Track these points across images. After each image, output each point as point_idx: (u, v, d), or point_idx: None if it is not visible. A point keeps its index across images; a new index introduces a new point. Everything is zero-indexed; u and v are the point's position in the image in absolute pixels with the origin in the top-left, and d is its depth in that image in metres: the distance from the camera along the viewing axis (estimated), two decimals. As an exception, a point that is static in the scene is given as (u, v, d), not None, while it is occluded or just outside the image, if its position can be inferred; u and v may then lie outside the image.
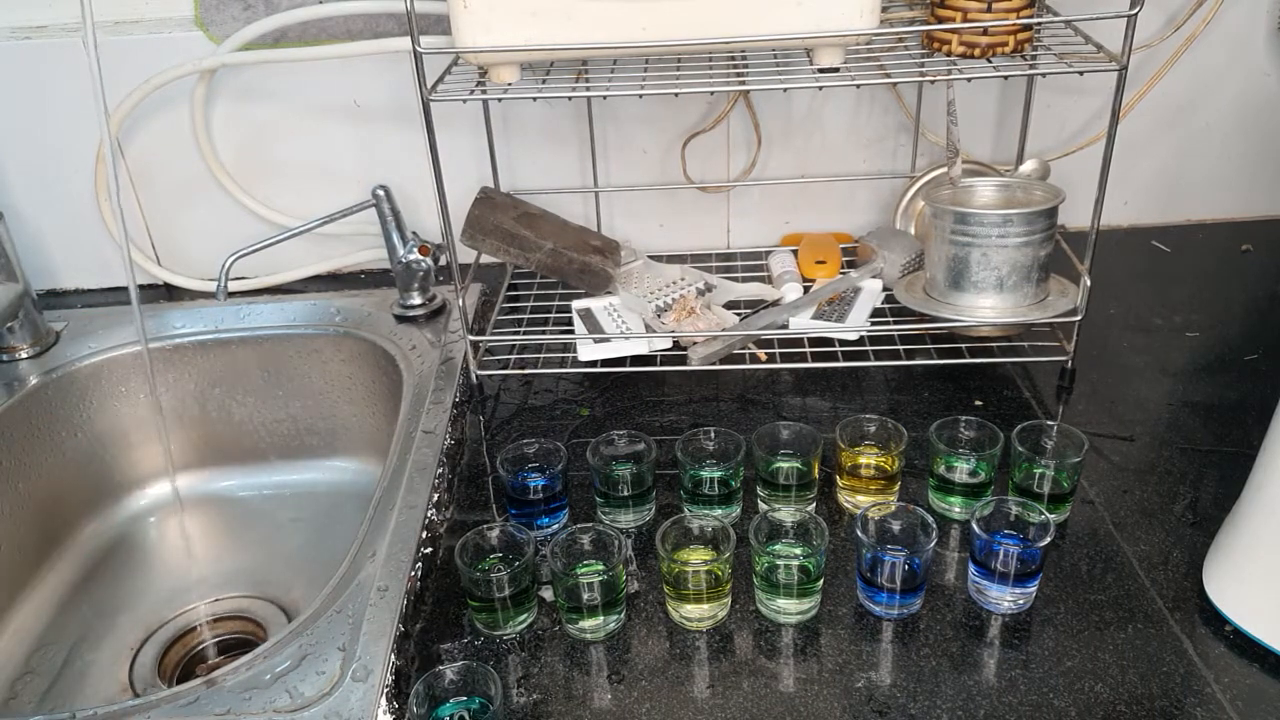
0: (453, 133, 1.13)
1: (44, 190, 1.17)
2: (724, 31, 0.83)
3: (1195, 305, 1.08)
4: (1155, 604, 0.72)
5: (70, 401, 1.07)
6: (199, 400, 1.13)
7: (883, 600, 0.71)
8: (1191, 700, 0.64)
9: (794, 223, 1.22)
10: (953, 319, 0.94)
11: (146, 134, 1.14)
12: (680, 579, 0.71)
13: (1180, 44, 1.10)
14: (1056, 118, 1.17)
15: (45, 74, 1.10)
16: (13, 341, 1.08)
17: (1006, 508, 0.73)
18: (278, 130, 1.15)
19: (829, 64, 0.86)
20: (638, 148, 1.17)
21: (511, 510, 0.83)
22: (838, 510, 0.82)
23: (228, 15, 1.08)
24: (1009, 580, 0.70)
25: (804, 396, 0.97)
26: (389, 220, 1.07)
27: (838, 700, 0.66)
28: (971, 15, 0.86)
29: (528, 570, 0.71)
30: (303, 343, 1.11)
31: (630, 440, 0.82)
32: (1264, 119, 1.17)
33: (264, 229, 1.16)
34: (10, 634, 0.97)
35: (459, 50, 0.84)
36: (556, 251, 1.05)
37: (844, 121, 1.16)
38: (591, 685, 0.68)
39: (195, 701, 0.67)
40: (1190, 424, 0.90)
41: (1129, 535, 0.78)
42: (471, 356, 0.99)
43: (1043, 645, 0.69)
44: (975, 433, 0.81)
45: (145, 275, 1.21)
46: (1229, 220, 1.24)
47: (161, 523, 1.13)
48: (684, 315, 1.01)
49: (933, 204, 0.94)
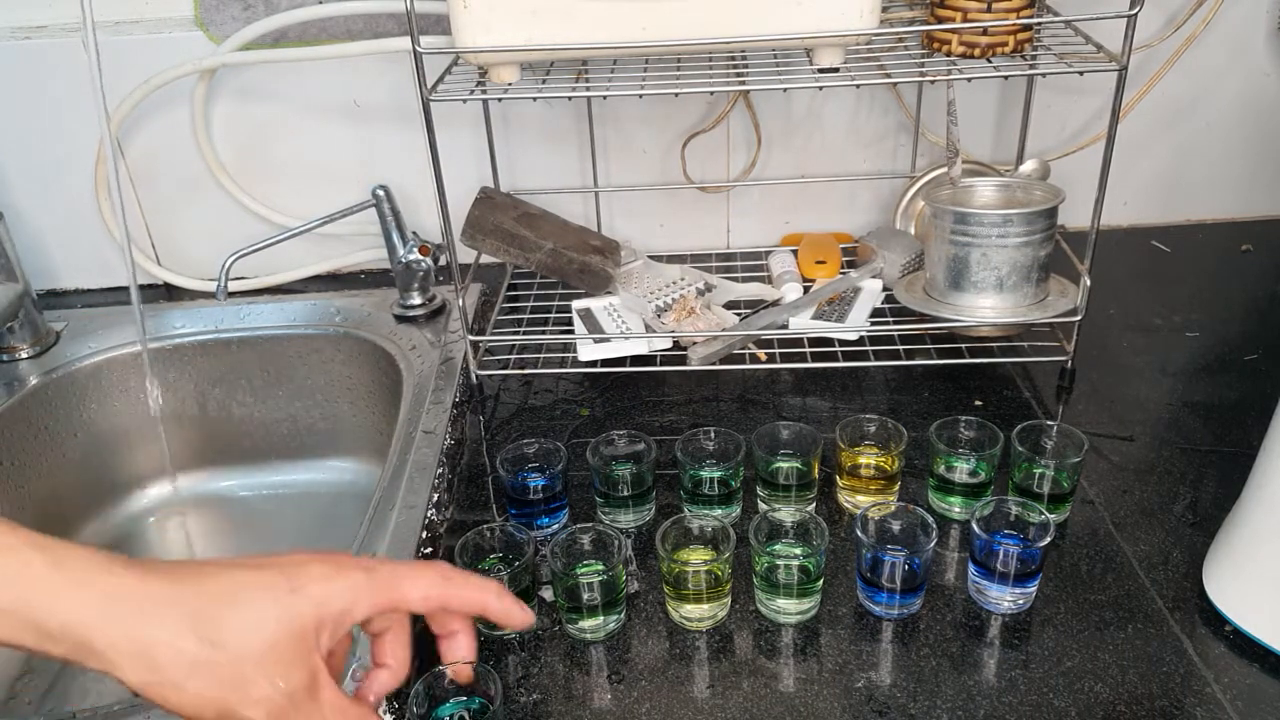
0: (453, 133, 1.13)
1: (44, 190, 1.17)
2: (724, 31, 0.83)
3: (1195, 305, 1.08)
4: (1155, 604, 0.72)
5: (70, 401, 1.07)
6: (199, 400, 1.13)
7: (883, 600, 0.71)
8: (1191, 700, 0.64)
9: (794, 223, 1.22)
10: (953, 319, 0.94)
11: (146, 134, 1.14)
12: (680, 579, 0.71)
13: (1180, 44, 1.10)
14: (1056, 118, 1.17)
15: (45, 74, 1.10)
16: (13, 341, 1.08)
17: (1006, 508, 0.73)
18: (278, 130, 1.15)
19: (829, 64, 0.86)
20: (638, 148, 1.17)
21: (511, 510, 0.83)
22: (838, 510, 0.82)
23: (228, 15, 1.08)
24: (1009, 580, 0.70)
25: (804, 396, 0.97)
26: (389, 220, 1.07)
27: (838, 700, 0.66)
28: (971, 15, 0.86)
29: (528, 570, 0.71)
30: (303, 343, 1.11)
31: (630, 440, 0.82)
32: (1264, 119, 1.17)
33: (264, 229, 1.16)
34: (10, 634, 0.97)
35: (459, 50, 0.85)
36: (556, 251, 1.05)
37: (844, 121, 1.16)
38: (591, 685, 0.68)
39: (195, 701, 0.66)
40: (1190, 424, 0.90)
41: (1129, 535, 0.78)
42: (471, 356, 0.99)
43: (1043, 645, 0.69)
44: (975, 433, 0.81)
45: (145, 275, 1.21)
46: (1229, 220, 1.24)
47: (161, 523, 1.13)
48: (684, 315, 1.01)
49: (933, 204, 0.94)
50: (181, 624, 0.49)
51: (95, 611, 0.49)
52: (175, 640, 0.49)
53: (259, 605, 0.51)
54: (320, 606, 0.53)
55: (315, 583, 0.53)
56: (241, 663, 0.50)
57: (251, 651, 0.50)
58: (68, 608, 0.48)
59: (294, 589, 0.52)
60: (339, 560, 0.55)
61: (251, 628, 0.51)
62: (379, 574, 0.56)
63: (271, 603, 0.52)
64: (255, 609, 0.51)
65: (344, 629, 0.54)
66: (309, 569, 0.54)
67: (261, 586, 0.52)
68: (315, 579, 0.53)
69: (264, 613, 0.51)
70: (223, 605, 0.51)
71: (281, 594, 0.52)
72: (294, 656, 0.51)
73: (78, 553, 0.50)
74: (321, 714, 0.53)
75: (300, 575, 0.53)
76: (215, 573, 0.52)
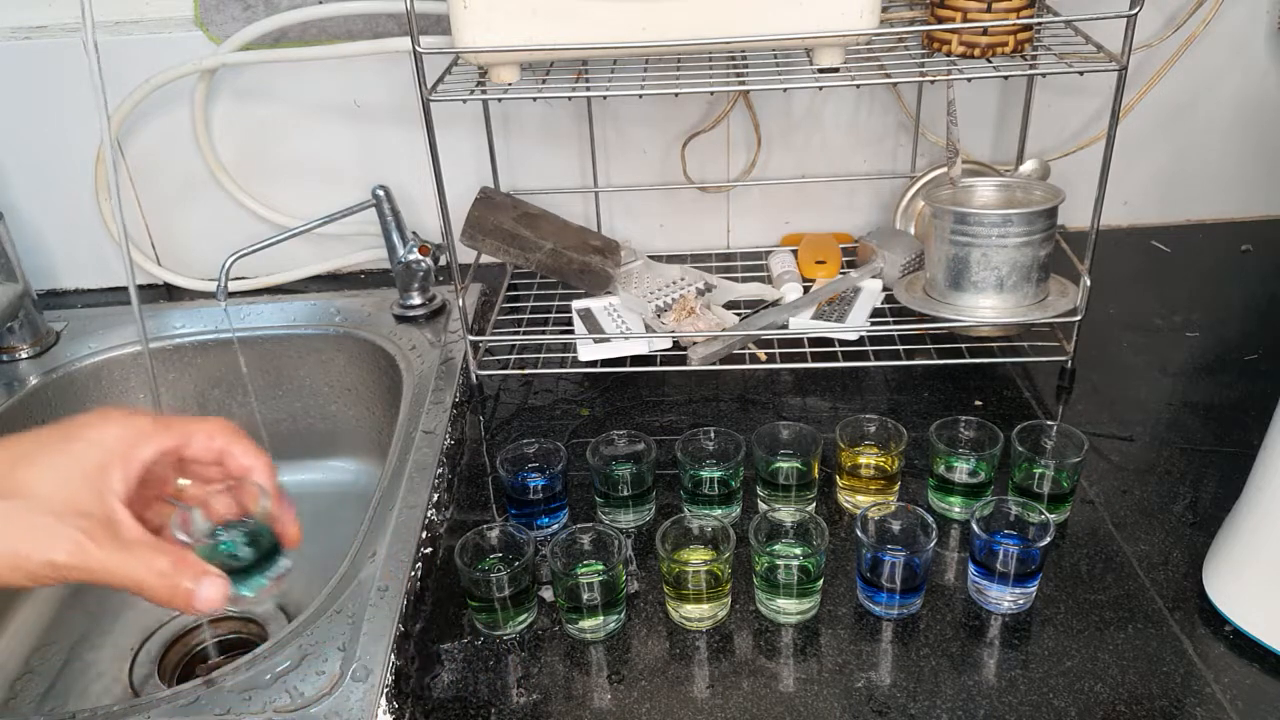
0: (453, 133, 1.13)
1: (44, 190, 1.17)
2: (724, 31, 0.83)
3: (1195, 305, 1.08)
4: (1155, 604, 0.72)
5: (70, 401, 1.07)
6: (199, 400, 1.13)
7: (883, 600, 0.71)
8: (1191, 700, 0.64)
9: (794, 223, 1.22)
10: (953, 319, 0.94)
11: (147, 134, 1.14)
12: (680, 579, 0.71)
13: (1180, 44, 1.10)
14: (1056, 118, 1.17)
15: (45, 74, 1.10)
16: (13, 341, 1.08)
17: (1006, 508, 0.73)
18: (278, 130, 1.15)
19: (829, 64, 0.86)
20: (638, 148, 1.17)
21: (511, 510, 0.83)
22: (838, 510, 0.82)
23: (228, 15, 1.08)
24: (1009, 580, 0.70)
25: (804, 396, 0.97)
26: (389, 220, 1.07)
27: (838, 700, 0.66)
28: (971, 15, 0.86)
29: (528, 570, 0.71)
30: (303, 343, 1.11)
31: (630, 440, 0.82)
32: (1264, 119, 1.17)
33: (264, 229, 1.16)
34: (10, 634, 0.97)
35: (459, 50, 0.85)
36: (556, 251, 1.05)
37: (844, 121, 1.16)
38: (591, 685, 0.68)
39: (195, 702, 0.67)
40: (1190, 424, 0.90)
41: (1129, 535, 0.78)
42: (471, 356, 0.99)
43: (1043, 645, 0.69)
44: (975, 433, 0.81)
45: (145, 275, 1.21)
46: (1229, 220, 1.24)
47: (161, 523, 1.13)
48: (684, 315, 1.01)
49: (933, 204, 0.94)
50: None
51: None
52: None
53: (44, 458, 0.54)
54: (101, 447, 0.55)
55: (93, 428, 0.56)
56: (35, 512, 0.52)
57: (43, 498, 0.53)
58: None
59: (71, 437, 0.55)
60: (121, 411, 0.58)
61: (39, 478, 0.53)
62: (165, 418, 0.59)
63: (56, 453, 0.54)
64: (40, 462, 0.54)
65: (134, 467, 0.56)
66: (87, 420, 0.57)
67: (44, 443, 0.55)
68: (93, 425, 0.56)
69: (49, 462, 0.54)
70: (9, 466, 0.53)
71: (61, 443, 0.55)
72: (87, 496, 0.54)
73: None
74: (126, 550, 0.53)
75: (78, 425, 0.56)
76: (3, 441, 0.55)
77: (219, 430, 0.59)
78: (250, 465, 0.60)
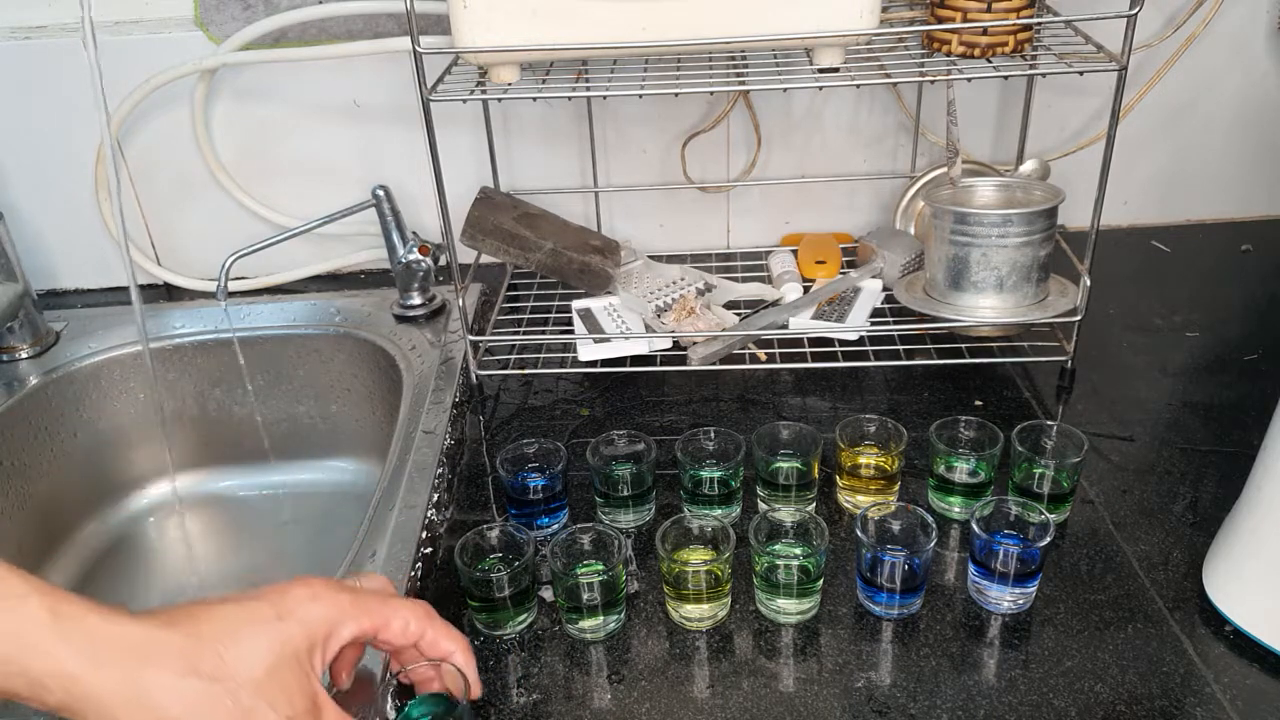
0: (453, 133, 1.13)
1: (44, 190, 1.17)
2: (724, 31, 0.83)
3: (1195, 305, 1.08)
4: (1155, 604, 0.72)
5: (70, 401, 1.07)
6: (199, 400, 1.13)
7: (883, 600, 0.71)
8: (1191, 700, 0.64)
9: (794, 223, 1.22)
10: (953, 319, 0.94)
11: (146, 134, 1.14)
12: (680, 579, 0.71)
13: (1180, 44, 1.11)
14: (1056, 118, 1.17)
15: (45, 74, 1.10)
16: (13, 341, 1.08)
17: (1006, 508, 0.73)
18: (278, 130, 1.15)
19: (829, 64, 0.86)
20: (638, 148, 1.17)
21: (511, 510, 0.83)
22: (838, 510, 0.82)
23: (228, 15, 1.08)
24: (1009, 580, 0.70)
25: (804, 396, 0.97)
26: (389, 220, 1.07)
27: (838, 700, 0.66)
28: (971, 15, 0.86)
29: (528, 570, 0.71)
30: (303, 343, 1.11)
31: (630, 440, 0.82)
32: (1264, 119, 1.17)
33: (264, 229, 1.16)
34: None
35: (459, 50, 0.85)
36: (556, 251, 1.05)
37: (844, 121, 1.16)
38: (591, 685, 0.68)
39: (195, 701, 0.66)
40: (1190, 424, 0.90)
41: (1129, 535, 0.78)
42: (471, 356, 0.99)
43: (1043, 645, 0.69)
44: (975, 433, 0.81)
45: (145, 275, 1.21)
46: (1229, 220, 1.24)
47: (161, 523, 1.13)
48: (684, 315, 1.01)
49: (933, 204, 0.94)
50: (179, 663, 0.50)
51: (88, 659, 0.49)
52: (175, 680, 0.50)
53: (252, 636, 0.53)
54: (308, 628, 0.54)
55: (301, 605, 0.55)
56: (243, 693, 0.51)
57: (251, 681, 0.51)
58: (61, 655, 0.48)
59: (281, 615, 0.54)
60: (323, 583, 0.57)
61: (248, 658, 0.52)
62: (364, 597, 0.58)
63: (264, 632, 0.53)
64: (249, 640, 0.52)
65: (333, 650, 0.56)
66: (293, 593, 0.55)
67: (252, 619, 0.53)
68: (301, 602, 0.55)
69: (257, 642, 0.53)
70: (218, 641, 0.52)
71: (271, 622, 0.53)
72: (292, 681, 0.53)
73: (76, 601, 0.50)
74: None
75: (285, 601, 0.55)
76: (207, 612, 0.53)
77: (415, 616, 0.59)
78: (449, 650, 0.60)
